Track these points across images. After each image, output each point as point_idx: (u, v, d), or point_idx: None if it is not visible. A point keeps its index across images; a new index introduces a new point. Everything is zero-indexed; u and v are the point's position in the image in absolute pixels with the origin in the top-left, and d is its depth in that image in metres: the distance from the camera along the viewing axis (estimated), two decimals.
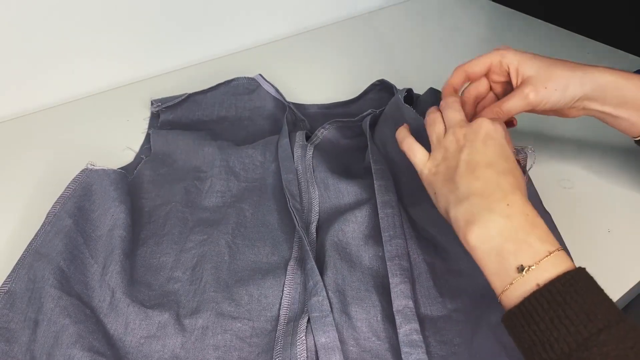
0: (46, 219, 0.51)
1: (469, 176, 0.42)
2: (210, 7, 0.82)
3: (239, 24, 0.87)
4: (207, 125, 0.69)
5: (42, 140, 0.69)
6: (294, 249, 0.52)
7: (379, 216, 0.50)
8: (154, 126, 0.69)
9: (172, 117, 0.69)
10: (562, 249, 0.37)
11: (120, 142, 0.67)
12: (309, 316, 0.44)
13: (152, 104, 0.70)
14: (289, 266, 0.50)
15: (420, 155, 0.48)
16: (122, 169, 0.60)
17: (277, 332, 0.45)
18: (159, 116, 0.70)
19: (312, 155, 0.60)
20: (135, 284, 0.49)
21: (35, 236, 0.50)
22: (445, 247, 0.51)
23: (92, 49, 0.75)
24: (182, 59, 0.84)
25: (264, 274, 0.50)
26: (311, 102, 0.73)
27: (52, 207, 0.52)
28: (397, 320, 0.43)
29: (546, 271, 0.36)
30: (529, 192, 0.51)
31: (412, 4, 1.03)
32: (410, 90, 0.61)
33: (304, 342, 0.43)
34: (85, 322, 0.44)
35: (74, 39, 0.73)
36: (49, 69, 0.74)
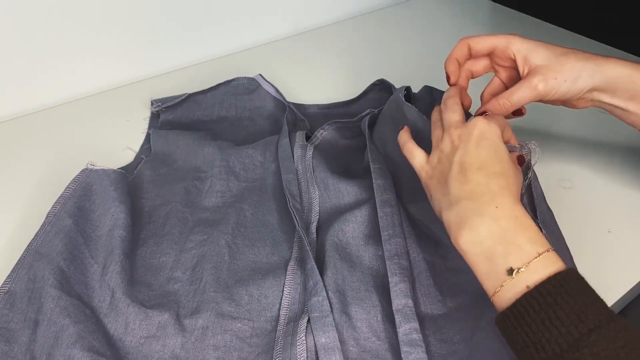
0: (46, 219, 0.51)
1: (460, 179, 0.42)
2: (210, 7, 0.82)
3: (239, 24, 0.87)
4: (207, 125, 0.69)
5: (42, 140, 0.69)
6: (294, 249, 0.52)
7: (378, 215, 0.50)
8: (154, 126, 0.69)
9: (172, 117, 0.69)
10: (553, 250, 0.37)
11: (120, 142, 0.67)
12: (309, 316, 0.44)
13: (152, 104, 0.70)
14: (289, 266, 0.50)
15: (418, 158, 0.48)
16: (122, 169, 0.60)
17: (277, 332, 0.45)
18: (159, 116, 0.70)
19: (312, 155, 0.60)
20: (135, 284, 0.49)
21: (35, 236, 0.50)
22: (446, 244, 0.50)
23: (92, 49, 0.75)
24: (182, 59, 0.84)
25: (264, 274, 0.50)
26: (311, 102, 0.73)
27: (52, 207, 0.52)
28: (397, 319, 0.43)
29: (536, 273, 0.36)
30: (534, 187, 0.51)
31: (412, 4, 1.03)
32: (408, 88, 0.62)
33: (304, 342, 0.43)
34: (85, 322, 0.44)
35: (74, 39, 0.73)
36: (49, 69, 0.74)
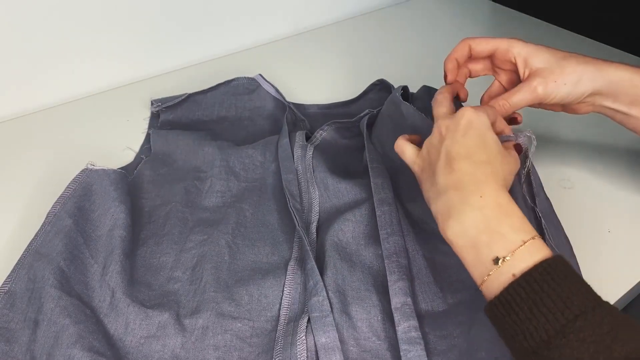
0: (46, 219, 0.51)
1: (446, 169, 0.42)
2: (210, 7, 0.82)
3: (239, 24, 0.87)
4: (207, 125, 0.69)
5: (42, 140, 0.69)
6: (294, 249, 0.52)
7: (376, 214, 0.50)
8: (154, 126, 0.69)
9: (172, 117, 0.69)
10: (538, 237, 0.37)
11: (120, 142, 0.67)
12: (309, 316, 0.44)
13: (152, 104, 0.70)
14: (289, 266, 0.50)
15: (409, 152, 0.47)
16: (122, 169, 0.60)
17: (277, 332, 0.45)
18: (159, 116, 0.70)
19: (312, 155, 0.60)
20: (135, 284, 0.49)
21: (35, 236, 0.50)
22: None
23: (92, 49, 0.75)
24: (182, 59, 0.84)
25: (264, 274, 0.50)
26: (311, 102, 0.73)
27: (52, 207, 0.52)
28: (396, 317, 0.43)
29: (522, 261, 0.36)
30: (533, 176, 0.51)
31: (412, 4, 1.03)
32: (405, 87, 0.62)
33: (304, 342, 0.43)
34: (85, 322, 0.44)
35: (74, 39, 0.73)
36: (49, 69, 0.74)
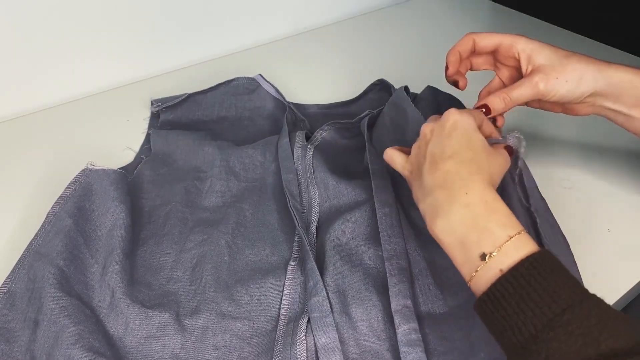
0: (46, 219, 0.51)
1: (432, 169, 0.42)
2: (210, 7, 0.82)
3: (239, 24, 0.87)
4: (207, 125, 0.69)
5: (42, 140, 0.69)
6: (294, 249, 0.52)
7: (377, 216, 0.50)
8: (154, 126, 0.69)
9: (172, 117, 0.69)
10: (525, 232, 0.37)
11: (120, 142, 0.67)
12: (309, 316, 0.44)
13: (152, 104, 0.70)
14: (289, 266, 0.50)
15: (398, 160, 0.48)
16: (122, 169, 0.60)
17: (277, 332, 0.45)
18: (159, 116, 0.70)
19: (312, 155, 0.60)
20: (135, 284, 0.49)
21: (35, 236, 0.50)
22: None
23: (92, 49, 0.75)
24: (182, 59, 0.84)
25: (264, 274, 0.50)
26: (311, 102, 0.73)
27: (52, 207, 0.52)
28: (396, 320, 0.43)
29: (508, 256, 0.36)
30: (525, 177, 0.51)
31: (412, 4, 1.03)
32: (406, 88, 0.62)
33: (304, 342, 0.43)
34: (85, 322, 0.44)
35: (74, 39, 0.73)
36: (49, 69, 0.74)
